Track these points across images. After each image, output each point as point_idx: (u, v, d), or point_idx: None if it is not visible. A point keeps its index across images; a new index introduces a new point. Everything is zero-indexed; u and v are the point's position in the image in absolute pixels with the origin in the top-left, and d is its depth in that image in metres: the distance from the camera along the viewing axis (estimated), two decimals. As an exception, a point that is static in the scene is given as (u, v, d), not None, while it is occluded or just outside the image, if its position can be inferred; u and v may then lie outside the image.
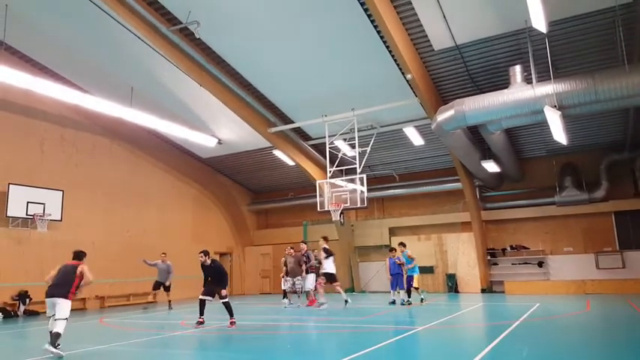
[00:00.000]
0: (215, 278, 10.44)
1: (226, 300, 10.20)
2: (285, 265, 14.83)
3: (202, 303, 10.34)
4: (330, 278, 13.79)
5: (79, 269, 7.67)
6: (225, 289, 10.33)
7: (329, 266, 13.83)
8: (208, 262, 10.33)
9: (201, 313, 10.35)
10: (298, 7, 11.61)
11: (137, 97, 15.51)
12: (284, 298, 14.96)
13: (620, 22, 10.79)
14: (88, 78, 15.48)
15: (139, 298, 17.78)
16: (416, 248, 20.10)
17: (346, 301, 13.65)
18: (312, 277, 14.34)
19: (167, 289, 15.12)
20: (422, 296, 14.11)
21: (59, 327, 7.31)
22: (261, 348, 7.99)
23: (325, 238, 14.50)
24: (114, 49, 13.79)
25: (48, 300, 7.49)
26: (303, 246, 14.84)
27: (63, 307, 7.43)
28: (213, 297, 10.39)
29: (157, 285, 15.21)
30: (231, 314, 10.17)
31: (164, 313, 14.09)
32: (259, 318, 12.32)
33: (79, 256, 8.03)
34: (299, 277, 14.49)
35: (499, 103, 11.64)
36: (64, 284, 7.57)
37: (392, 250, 14.91)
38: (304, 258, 14.47)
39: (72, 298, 7.59)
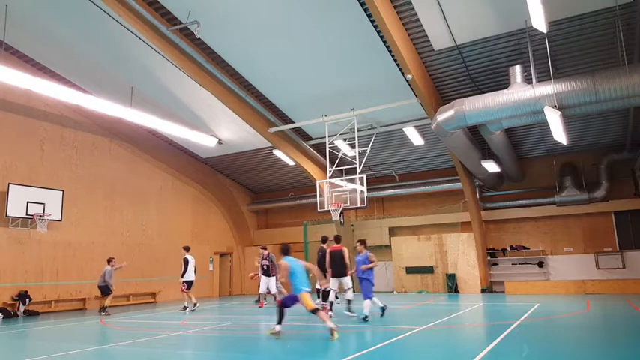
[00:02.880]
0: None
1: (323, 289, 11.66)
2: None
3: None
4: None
5: (345, 253, 11.28)
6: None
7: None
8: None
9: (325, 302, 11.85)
10: (298, 7, 11.61)
11: (137, 97, 15.52)
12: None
13: (620, 22, 10.79)
14: (88, 78, 15.48)
15: (139, 298, 17.80)
16: (416, 248, 20.16)
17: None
18: (272, 279, 14.69)
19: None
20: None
21: (348, 295, 11.35)
22: (260, 348, 7.99)
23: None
24: (114, 49, 13.79)
25: (337, 279, 11.37)
26: (262, 251, 15.21)
27: (347, 281, 11.32)
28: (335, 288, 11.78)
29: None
30: (323, 298, 11.90)
31: (164, 313, 14.09)
32: (259, 318, 12.33)
33: (337, 239, 11.81)
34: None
35: (499, 103, 11.63)
36: (342, 265, 11.28)
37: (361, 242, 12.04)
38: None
39: (349, 274, 11.38)
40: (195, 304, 14.12)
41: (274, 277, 14.67)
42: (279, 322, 8.46)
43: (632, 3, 10.49)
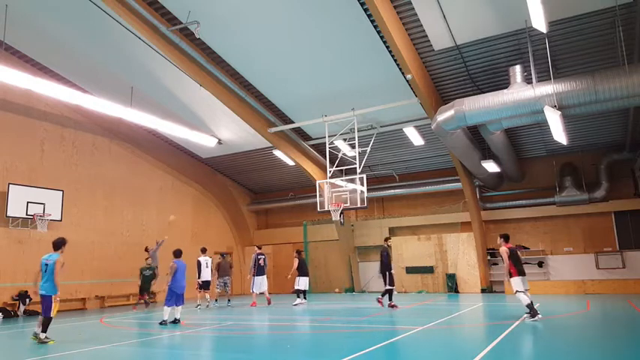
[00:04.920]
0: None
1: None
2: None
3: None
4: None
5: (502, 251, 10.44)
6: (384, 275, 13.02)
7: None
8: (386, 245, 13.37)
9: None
10: (298, 7, 11.61)
11: (137, 97, 15.51)
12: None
13: (620, 22, 10.79)
14: (88, 78, 15.48)
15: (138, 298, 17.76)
16: (416, 248, 20.16)
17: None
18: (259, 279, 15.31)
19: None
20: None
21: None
22: (260, 348, 8.00)
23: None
24: (114, 49, 13.79)
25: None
26: (256, 249, 16.07)
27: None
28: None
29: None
30: (389, 297, 12.94)
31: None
32: (259, 318, 12.33)
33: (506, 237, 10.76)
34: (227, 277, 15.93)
35: (499, 103, 11.63)
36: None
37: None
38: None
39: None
40: (199, 305, 14.88)
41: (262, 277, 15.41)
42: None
43: (632, 3, 10.49)
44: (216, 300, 16.12)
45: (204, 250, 15.65)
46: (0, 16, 12.07)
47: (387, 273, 13.14)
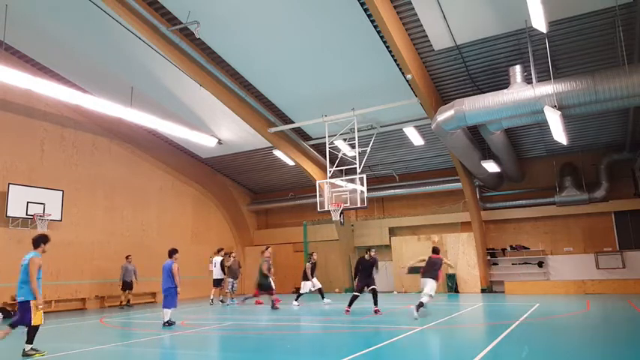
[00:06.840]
0: (368, 273, 12.13)
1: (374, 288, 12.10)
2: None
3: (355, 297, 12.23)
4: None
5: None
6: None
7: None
8: (372, 256, 12.39)
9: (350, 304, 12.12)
10: (298, 7, 11.61)
11: (137, 97, 15.51)
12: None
13: (620, 22, 10.79)
14: (88, 78, 15.47)
15: (138, 298, 17.78)
16: (416, 248, 20.15)
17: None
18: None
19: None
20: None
21: (424, 299, 10.44)
22: (260, 348, 7.99)
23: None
24: (114, 49, 13.79)
25: (422, 279, 10.87)
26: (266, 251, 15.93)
27: (431, 285, 10.62)
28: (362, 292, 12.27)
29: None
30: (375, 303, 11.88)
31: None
32: (259, 318, 12.33)
33: (435, 250, 11.71)
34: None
35: (499, 103, 11.63)
36: (432, 270, 10.90)
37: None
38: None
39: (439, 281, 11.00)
40: (211, 301, 16.31)
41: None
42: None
43: (632, 3, 10.49)
44: (212, 299, 16.65)
45: (217, 251, 16.88)
46: (0, 16, 12.07)
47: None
